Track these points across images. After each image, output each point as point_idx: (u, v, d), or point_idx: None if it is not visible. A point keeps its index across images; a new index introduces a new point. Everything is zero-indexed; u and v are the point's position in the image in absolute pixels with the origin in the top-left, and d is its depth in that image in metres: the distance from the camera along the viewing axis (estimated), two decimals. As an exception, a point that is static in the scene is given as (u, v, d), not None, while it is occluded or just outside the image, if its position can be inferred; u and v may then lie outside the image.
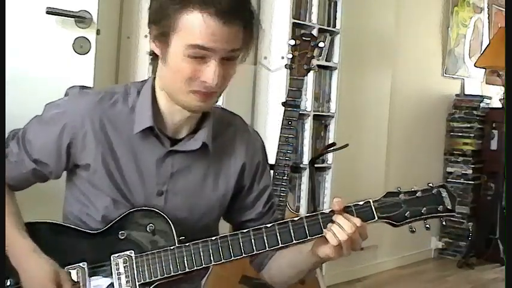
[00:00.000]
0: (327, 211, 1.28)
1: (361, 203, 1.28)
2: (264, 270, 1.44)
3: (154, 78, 1.32)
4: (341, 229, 1.23)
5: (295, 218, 1.28)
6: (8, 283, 1.27)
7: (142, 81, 1.37)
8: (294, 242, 1.27)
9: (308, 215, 1.29)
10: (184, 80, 1.22)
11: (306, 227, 1.27)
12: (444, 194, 1.30)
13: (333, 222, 1.25)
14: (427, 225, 1.30)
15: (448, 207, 1.29)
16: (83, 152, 1.30)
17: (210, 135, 1.33)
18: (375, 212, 1.27)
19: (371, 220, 1.27)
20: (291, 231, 1.27)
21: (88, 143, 1.29)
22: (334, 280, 3.52)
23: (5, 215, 1.27)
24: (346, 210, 1.27)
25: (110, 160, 1.30)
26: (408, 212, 1.28)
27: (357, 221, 1.24)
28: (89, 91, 1.36)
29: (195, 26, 1.17)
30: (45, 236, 1.31)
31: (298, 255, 1.35)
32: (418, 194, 1.30)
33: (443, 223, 1.31)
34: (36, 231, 1.31)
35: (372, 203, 1.27)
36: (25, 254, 1.26)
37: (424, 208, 1.28)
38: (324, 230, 1.26)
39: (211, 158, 1.35)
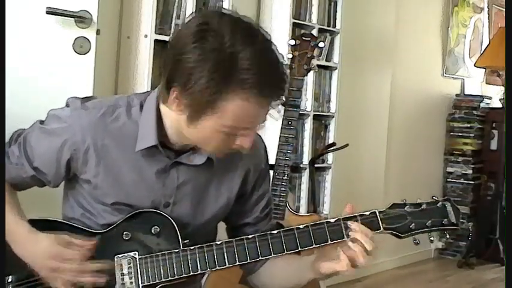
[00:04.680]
0: (333, 220, 1.29)
1: (367, 213, 1.29)
2: (253, 275, 1.44)
3: (158, 97, 1.28)
4: (364, 250, 1.24)
5: (301, 226, 1.29)
6: (10, 279, 1.27)
7: (144, 93, 1.35)
8: (299, 248, 1.28)
9: (314, 223, 1.29)
10: (215, 145, 1.22)
11: (311, 235, 1.28)
12: (449, 207, 1.32)
13: (353, 241, 1.25)
14: (431, 238, 1.32)
15: (453, 220, 1.31)
16: (83, 167, 1.29)
17: None
18: (380, 223, 1.28)
19: (376, 231, 1.28)
20: (297, 238, 1.28)
21: (89, 159, 1.28)
22: (334, 280, 3.51)
23: (5, 215, 1.27)
24: (351, 220, 1.27)
25: (112, 177, 1.29)
26: (413, 224, 1.29)
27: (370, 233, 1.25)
28: (90, 104, 1.31)
29: (236, 114, 1.15)
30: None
31: (299, 267, 1.35)
32: (423, 206, 1.31)
33: (447, 236, 1.33)
34: (39, 229, 1.29)
35: (378, 214, 1.29)
36: (24, 237, 1.26)
37: (429, 221, 1.30)
38: (328, 241, 1.26)
39: (216, 166, 1.34)
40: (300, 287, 1.40)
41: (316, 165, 3.19)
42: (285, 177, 2.29)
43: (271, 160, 2.31)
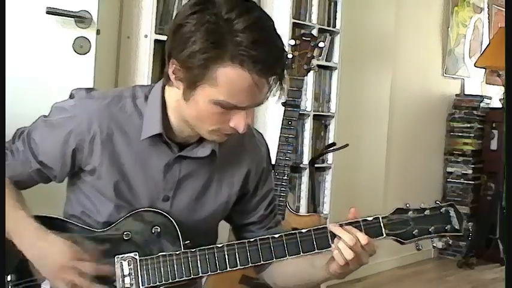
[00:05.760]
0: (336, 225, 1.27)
1: (370, 218, 1.28)
2: (264, 273, 1.43)
3: (163, 85, 1.29)
4: (347, 246, 1.22)
5: (303, 230, 1.28)
6: (9, 278, 1.26)
7: (148, 85, 1.35)
8: (301, 254, 1.27)
9: (316, 227, 1.28)
10: (210, 122, 1.20)
11: (314, 240, 1.27)
12: (452, 213, 1.30)
13: (339, 238, 1.24)
14: (434, 244, 1.31)
15: (456, 227, 1.29)
16: (89, 157, 1.28)
17: (218, 143, 1.31)
18: (383, 229, 1.27)
19: (379, 237, 1.27)
20: (299, 242, 1.27)
21: (95, 148, 1.27)
22: (334, 280, 3.52)
23: (5, 215, 1.26)
24: (354, 225, 1.26)
25: (116, 166, 1.28)
26: (416, 230, 1.28)
27: (363, 238, 1.23)
28: (95, 94, 1.32)
29: (229, 82, 1.13)
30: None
31: (310, 268, 1.35)
32: (427, 212, 1.30)
33: (450, 243, 1.31)
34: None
35: (381, 220, 1.28)
36: (39, 239, 1.23)
37: (432, 227, 1.29)
38: (331, 245, 1.25)
39: (217, 163, 1.34)
40: (314, 285, 1.40)
41: (316, 165, 3.19)
42: (285, 177, 2.29)
43: (271, 160, 2.31)
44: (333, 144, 3.17)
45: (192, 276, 1.26)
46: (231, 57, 1.11)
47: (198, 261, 1.26)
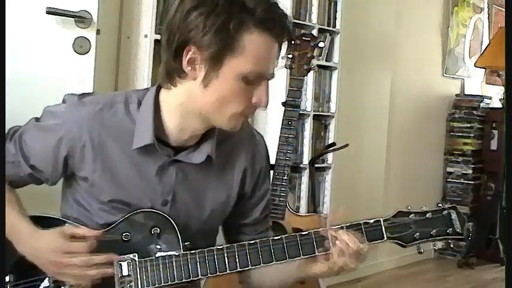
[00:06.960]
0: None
1: (371, 221, 1.28)
2: (250, 281, 1.43)
3: (158, 89, 1.29)
4: (348, 247, 1.23)
5: (304, 232, 1.28)
6: (8, 279, 1.26)
7: (144, 89, 1.34)
8: (302, 256, 1.26)
9: (316, 230, 1.28)
10: (234, 103, 1.21)
11: (314, 242, 1.26)
12: (454, 216, 1.31)
13: (336, 238, 1.24)
14: (435, 247, 1.33)
15: (458, 230, 1.31)
16: (80, 164, 1.28)
17: (214, 147, 1.31)
18: (384, 232, 1.28)
19: (380, 240, 1.28)
20: (299, 245, 1.26)
21: (86, 155, 1.27)
22: (334, 280, 3.52)
23: (5, 214, 1.27)
24: (355, 228, 1.26)
25: (109, 174, 1.27)
26: (418, 234, 1.29)
27: (363, 246, 1.24)
28: (87, 100, 1.30)
29: (256, 48, 1.18)
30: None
31: (285, 269, 1.34)
32: (428, 215, 1.30)
33: (451, 245, 1.34)
34: (38, 225, 1.27)
35: (382, 223, 1.28)
36: (25, 234, 1.24)
37: (434, 230, 1.30)
38: (331, 247, 1.25)
39: (215, 165, 1.33)
40: (288, 285, 1.40)
41: (316, 165, 3.19)
42: (285, 177, 2.29)
43: (271, 160, 2.31)
44: (333, 144, 3.17)
45: (191, 278, 1.25)
46: (253, 22, 1.16)
47: (198, 263, 1.25)
